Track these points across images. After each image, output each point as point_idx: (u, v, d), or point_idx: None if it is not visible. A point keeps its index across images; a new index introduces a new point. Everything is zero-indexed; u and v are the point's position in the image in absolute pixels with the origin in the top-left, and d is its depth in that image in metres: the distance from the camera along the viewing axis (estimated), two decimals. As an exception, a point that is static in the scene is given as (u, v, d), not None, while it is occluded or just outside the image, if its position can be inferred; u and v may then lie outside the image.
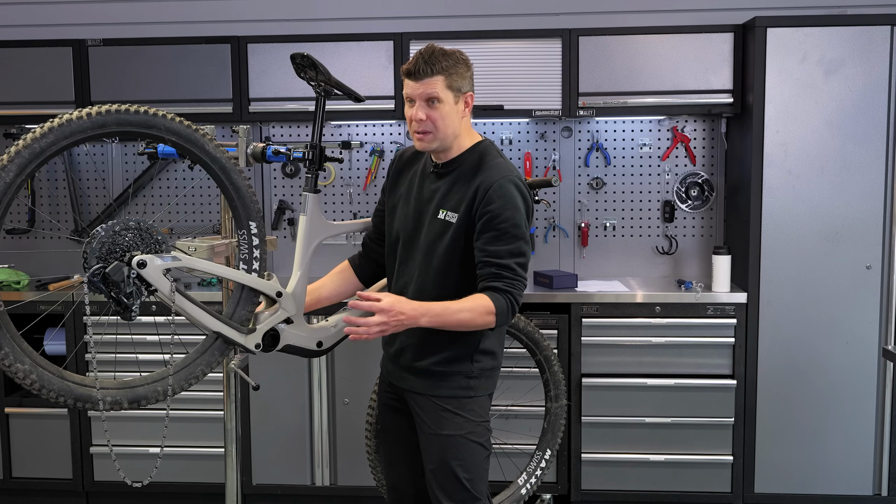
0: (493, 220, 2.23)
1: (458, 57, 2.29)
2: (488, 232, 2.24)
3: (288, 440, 3.73)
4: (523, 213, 2.27)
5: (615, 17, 4.04)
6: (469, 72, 2.31)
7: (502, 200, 2.23)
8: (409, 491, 2.56)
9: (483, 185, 2.25)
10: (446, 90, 2.25)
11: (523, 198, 2.28)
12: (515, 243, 2.24)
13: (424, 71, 2.24)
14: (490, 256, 2.24)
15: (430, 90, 2.24)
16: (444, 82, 2.25)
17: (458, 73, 2.27)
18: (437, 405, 2.35)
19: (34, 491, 3.87)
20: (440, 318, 2.21)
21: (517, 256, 2.25)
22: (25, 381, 1.90)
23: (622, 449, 3.63)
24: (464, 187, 2.29)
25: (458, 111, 2.29)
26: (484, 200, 2.24)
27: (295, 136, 4.19)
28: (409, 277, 2.37)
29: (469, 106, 2.33)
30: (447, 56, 2.26)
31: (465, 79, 2.29)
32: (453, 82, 2.26)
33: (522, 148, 4.11)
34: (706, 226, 4.10)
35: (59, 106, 3.80)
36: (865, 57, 3.45)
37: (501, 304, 2.22)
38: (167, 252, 2.07)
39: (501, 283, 2.23)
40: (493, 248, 2.24)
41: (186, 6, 4.21)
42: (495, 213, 2.23)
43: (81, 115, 1.91)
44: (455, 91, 2.27)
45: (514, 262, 2.24)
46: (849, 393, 3.56)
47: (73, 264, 2.47)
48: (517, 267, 2.25)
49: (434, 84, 2.24)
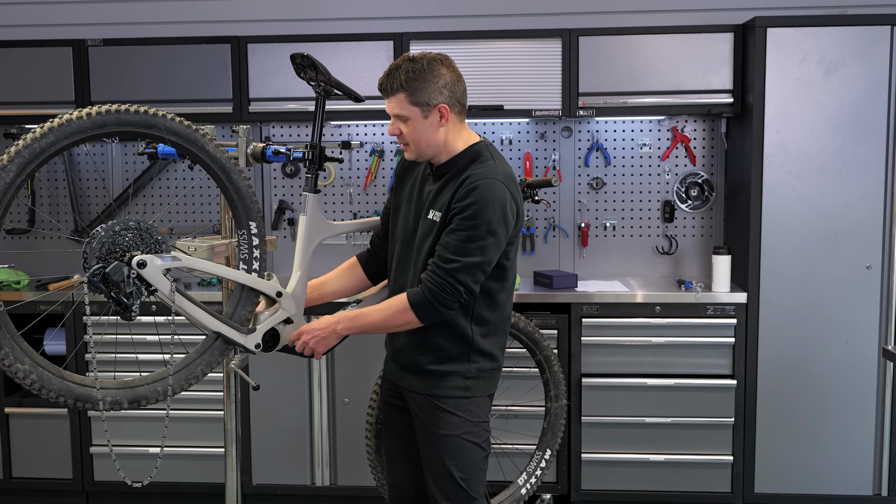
0: (458, 215, 2.22)
1: (426, 67, 2.23)
2: (450, 224, 2.24)
3: (288, 440, 3.73)
4: (497, 215, 2.21)
5: (615, 17, 4.04)
6: (441, 81, 2.24)
7: (474, 198, 2.20)
8: (409, 489, 2.57)
9: (465, 183, 2.24)
10: (410, 107, 2.24)
11: (501, 202, 2.22)
12: (468, 244, 2.20)
13: (386, 88, 2.26)
14: (439, 247, 2.24)
15: (394, 108, 2.27)
16: (406, 99, 2.24)
17: (422, 88, 2.23)
18: (434, 405, 2.35)
19: (34, 491, 3.87)
20: (355, 321, 2.31)
21: (463, 256, 2.20)
22: (25, 381, 1.91)
23: (622, 449, 3.63)
24: (453, 188, 2.28)
25: (432, 123, 2.27)
26: (459, 196, 2.23)
27: (295, 136, 4.19)
28: (407, 277, 2.38)
29: (445, 116, 2.27)
30: (412, 70, 2.22)
31: (433, 91, 2.24)
32: (417, 98, 2.23)
33: (522, 148, 4.11)
34: (706, 226, 4.10)
35: (59, 106, 3.80)
36: (865, 57, 3.45)
37: (418, 298, 2.22)
38: (167, 252, 2.07)
39: (427, 275, 2.23)
40: (445, 240, 2.23)
41: (186, 6, 4.21)
42: (461, 208, 2.22)
43: (81, 115, 1.92)
44: (422, 106, 2.24)
45: (454, 257, 2.20)
46: (849, 393, 3.56)
47: (73, 264, 2.47)
48: (456, 264, 2.19)
49: (396, 101, 2.26)
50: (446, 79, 2.26)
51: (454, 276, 2.20)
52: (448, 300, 2.22)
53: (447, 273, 2.20)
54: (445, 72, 2.27)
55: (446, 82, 2.26)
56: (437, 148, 2.31)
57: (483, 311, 2.34)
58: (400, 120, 2.28)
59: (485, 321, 2.35)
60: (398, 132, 2.29)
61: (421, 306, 2.22)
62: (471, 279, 2.22)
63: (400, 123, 2.28)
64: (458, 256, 2.20)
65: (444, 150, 2.32)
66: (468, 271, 2.21)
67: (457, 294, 2.22)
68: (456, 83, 2.29)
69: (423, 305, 2.22)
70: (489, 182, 2.22)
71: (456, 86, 2.29)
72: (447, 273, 2.20)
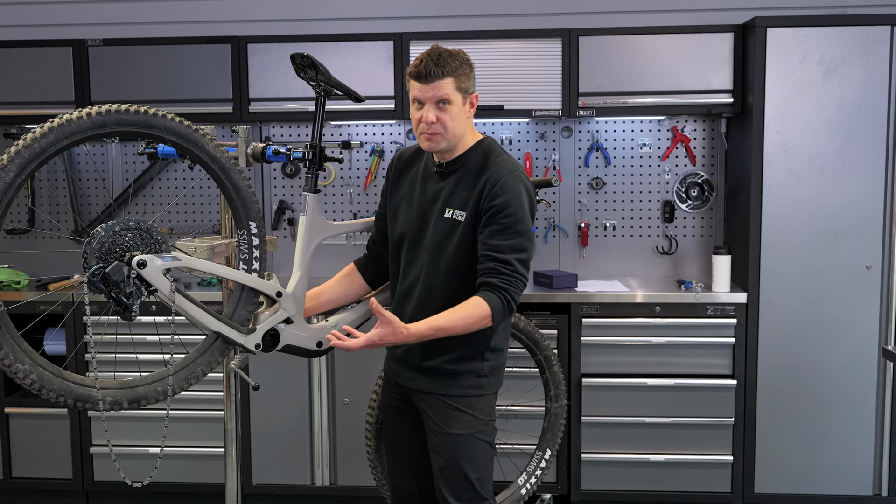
0: (497, 214, 2.24)
1: (464, 57, 2.30)
2: (491, 225, 2.25)
3: (288, 440, 3.73)
4: (527, 210, 2.28)
5: (615, 17, 4.04)
6: (473, 72, 2.33)
7: (508, 195, 2.24)
8: (413, 491, 2.56)
9: (490, 180, 2.26)
10: (456, 92, 2.26)
11: (528, 195, 2.30)
12: (517, 239, 2.25)
13: (435, 73, 2.24)
14: (491, 250, 2.24)
15: (441, 93, 2.24)
16: (453, 84, 2.25)
17: (465, 74, 2.28)
18: (446, 404, 2.35)
19: (34, 491, 3.87)
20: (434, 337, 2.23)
21: (518, 252, 2.25)
22: (25, 381, 1.91)
23: (622, 449, 3.63)
24: (470, 185, 2.30)
25: (466, 112, 2.31)
26: (490, 195, 2.25)
27: (295, 136, 4.19)
28: (416, 278, 2.37)
29: (474, 106, 2.35)
30: (454, 57, 2.26)
31: (470, 79, 2.31)
32: (461, 84, 2.27)
33: (522, 148, 4.11)
34: (706, 226, 4.10)
35: (59, 106, 3.80)
36: (865, 57, 3.45)
37: (496, 304, 2.22)
38: (167, 252, 2.07)
39: (499, 279, 2.23)
40: (494, 242, 2.24)
41: (186, 6, 4.21)
42: (500, 207, 2.24)
43: (81, 115, 1.92)
44: (463, 92, 2.28)
45: (514, 258, 2.24)
46: (849, 393, 3.56)
47: (73, 264, 2.47)
48: (517, 263, 2.24)
49: (444, 86, 2.24)
50: (475, 71, 2.34)
51: (521, 273, 2.26)
52: (518, 297, 2.27)
53: (515, 272, 2.24)
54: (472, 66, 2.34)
55: (475, 74, 2.34)
56: (460, 138, 2.33)
57: None
58: (441, 106, 2.26)
59: None
60: (434, 119, 2.26)
61: (500, 310, 2.23)
62: (527, 272, 2.29)
63: (439, 110, 2.26)
64: (515, 253, 2.24)
65: (462, 142, 2.34)
66: (525, 265, 2.28)
67: (523, 289, 2.28)
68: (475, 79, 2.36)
69: (502, 309, 2.24)
70: (515, 176, 2.28)
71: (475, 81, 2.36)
72: (515, 272, 2.24)
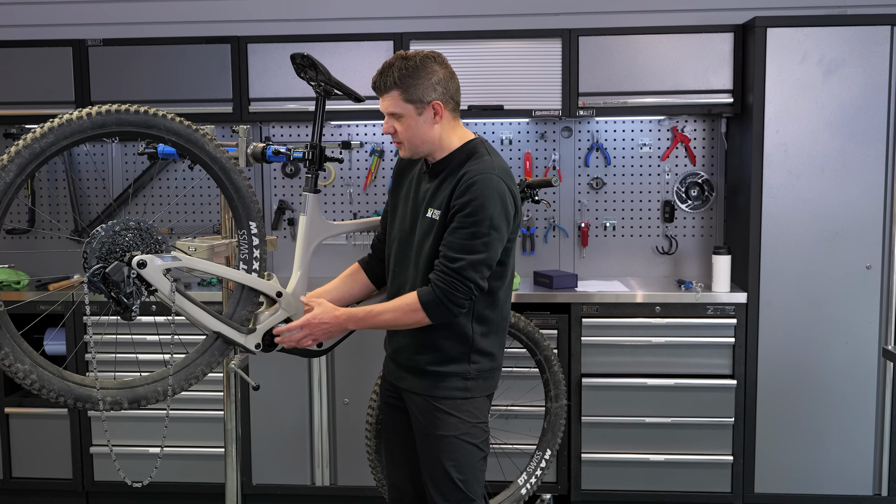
0: (459, 213, 2.22)
1: (419, 64, 2.24)
2: (452, 223, 2.23)
3: (288, 440, 3.73)
4: (496, 211, 2.22)
5: (615, 17, 4.04)
6: (435, 77, 2.25)
7: (472, 195, 2.20)
8: (409, 489, 2.56)
9: (463, 179, 2.24)
10: (404, 104, 2.25)
11: (501, 197, 2.23)
12: (472, 241, 2.20)
13: (379, 87, 2.26)
14: (443, 247, 2.24)
15: (388, 106, 2.27)
16: (399, 96, 2.24)
17: (416, 84, 2.23)
18: (432, 405, 2.35)
19: (34, 491, 3.87)
20: (364, 321, 2.30)
21: (470, 253, 2.20)
22: (25, 381, 1.91)
23: (622, 449, 3.63)
24: (449, 185, 2.28)
25: (426, 120, 2.27)
26: (457, 193, 2.23)
27: (295, 136, 4.19)
28: (405, 277, 2.38)
29: (439, 114, 2.28)
30: (405, 67, 2.23)
31: (427, 88, 2.24)
32: (411, 94, 2.24)
33: (522, 148, 4.11)
34: (706, 226, 4.10)
35: (59, 106, 3.80)
36: (865, 57, 3.45)
37: (429, 299, 2.21)
38: (167, 252, 2.07)
39: (437, 276, 2.22)
40: (448, 239, 2.23)
41: (186, 6, 4.21)
42: (461, 205, 2.22)
43: (81, 115, 1.92)
44: (416, 103, 2.25)
45: (461, 257, 2.20)
46: (849, 393, 3.56)
47: (73, 264, 2.48)
48: (463, 263, 2.19)
49: (390, 99, 2.26)
50: (439, 75, 2.27)
51: (462, 275, 2.20)
52: (460, 298, 2.22)
53: (455, 272, 2.20)
54: (438, 69, 2.27)
55: (439, 79, 2.27)
56: (431, 145, 2.31)
57: (483, 309, 2.34)
58: (394, 118, 2.28)
59: (485, 320, 2.35)
60: (392, 130, 2.29)
61: (432, 305, 2.22)
62: (478, 276, 2.22)
63: (394, 121, 2.28)
64: (464, 254, 2.20)
65: (440, 147, 2.32)
66: (475, 268, 2.21)
67: (468, 292, 2.22)
68: (449, 80, 2.29)
69: (435, 305, 2.22)
70: (487, 177, 2.22)
71: (449, 83, 2.29)
72: (455, 272, 2.20)
